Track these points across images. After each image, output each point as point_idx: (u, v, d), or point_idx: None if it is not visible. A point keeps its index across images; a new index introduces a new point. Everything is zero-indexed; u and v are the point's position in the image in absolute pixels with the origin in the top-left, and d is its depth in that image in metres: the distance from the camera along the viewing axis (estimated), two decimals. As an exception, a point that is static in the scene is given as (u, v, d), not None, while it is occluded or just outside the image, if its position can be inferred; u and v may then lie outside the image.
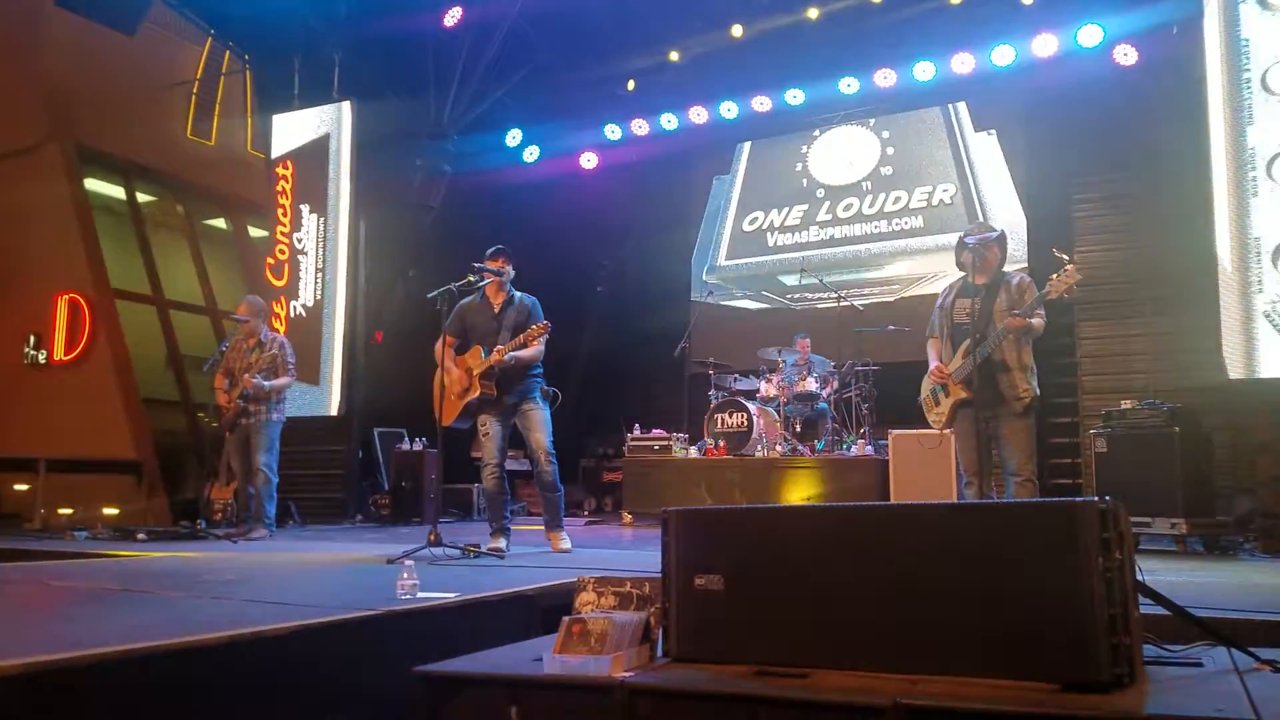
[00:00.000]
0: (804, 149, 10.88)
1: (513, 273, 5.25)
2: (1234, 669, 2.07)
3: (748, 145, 11.17)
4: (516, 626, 3.19)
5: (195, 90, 12.16)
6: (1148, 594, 2.17)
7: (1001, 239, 4.93)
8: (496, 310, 5.27)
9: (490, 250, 5.28)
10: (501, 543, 5.13)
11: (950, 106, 9.92)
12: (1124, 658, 1.85)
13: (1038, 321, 4.67)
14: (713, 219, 11.23)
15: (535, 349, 5.16)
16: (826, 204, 10.66)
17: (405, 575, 3.12)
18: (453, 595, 3.15)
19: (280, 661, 2.50)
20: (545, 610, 3.26)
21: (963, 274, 5.00)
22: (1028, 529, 1.96)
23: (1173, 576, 4.18)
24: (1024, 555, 1.94)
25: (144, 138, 11.44)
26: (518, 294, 5.33)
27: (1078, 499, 1.92)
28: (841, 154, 10.67)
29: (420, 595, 3.09)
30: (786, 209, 10.94)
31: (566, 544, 5.30)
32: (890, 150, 10.39)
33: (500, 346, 5.03)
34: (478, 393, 5.03)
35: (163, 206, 12.44)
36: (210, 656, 2.35)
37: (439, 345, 5.19)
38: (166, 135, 11.83)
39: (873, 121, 10.47)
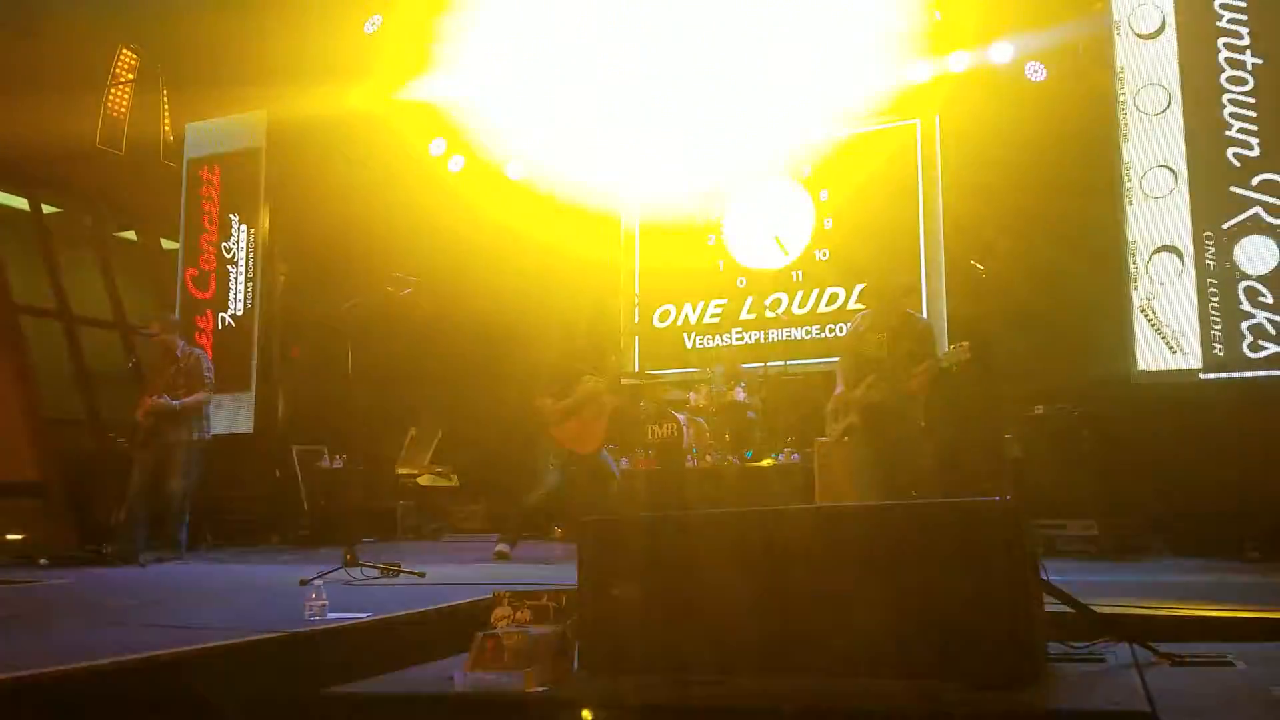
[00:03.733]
0: (716, 212, 10.35)
1: None
2: (1134, 663, 2.12)
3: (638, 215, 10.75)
4: (433, 645, 3.10)
5: (105, 97, 11.75)
6: (1052, 592, 2.20)
7: (902, 286, 5.59)
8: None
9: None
10: (507, 547, 5.90)
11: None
12: (1028, 655, 1.88)
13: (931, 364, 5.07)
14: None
15: None
16: (750, 299, 9.92)
17: (314, 595, 3.03)
18: (365, 615, 3.06)
19: (176, 687, 2.39)
20: (463, 626, 3.18)
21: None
22: (933, 531, 1.99)
23: (1084, 576, 4.28)
24: (931, 557, 1.96)
25: (49, 146, 11.00)
26: None
27: (980, 500, 1.94)
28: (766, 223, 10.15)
29: (331, 616, 3.00)
30: (702, 303, 10.24)
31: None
32: (828, 222, 9.85)
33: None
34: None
35: (69, 218, 11.97)
36: (98, 683, 2.24)
37: (547, 406, 6.11)
38: (74, 144, 11.38)
39: (807, 170, 10.04)
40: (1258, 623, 2.77)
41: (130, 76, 11.74)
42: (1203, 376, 5.91)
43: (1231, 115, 6.00)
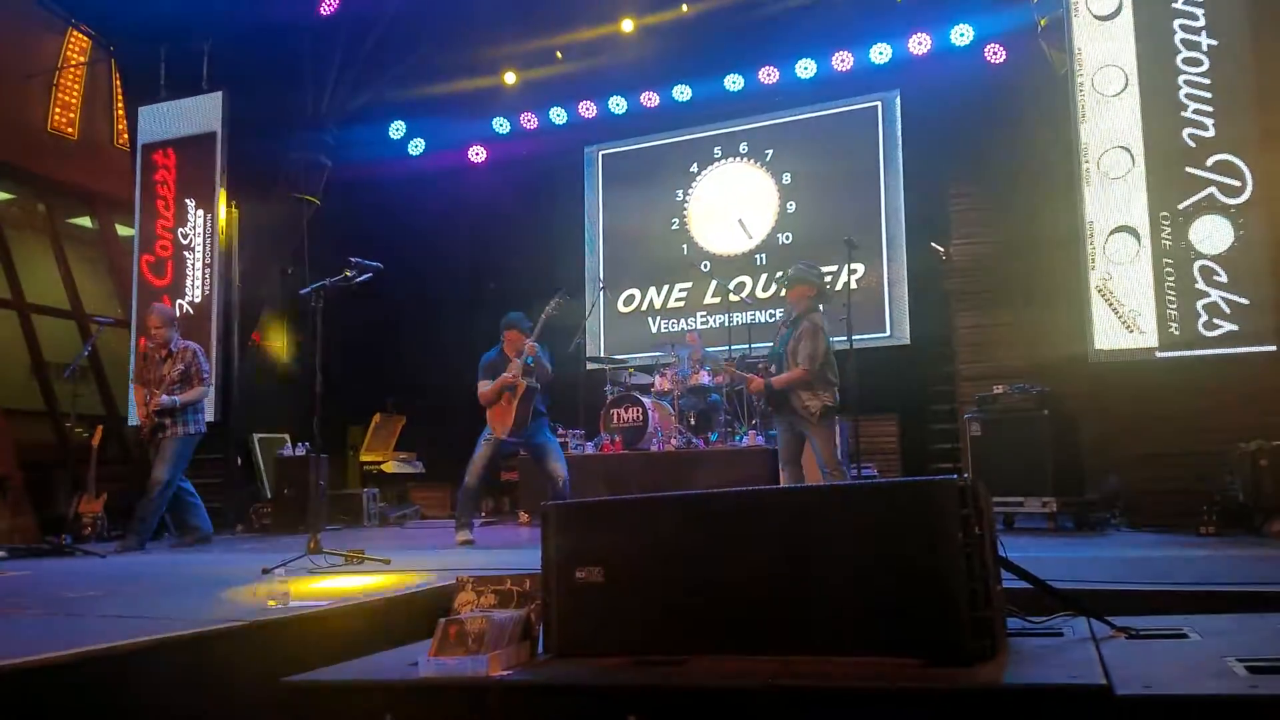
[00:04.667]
0: (680, 195, 10.47)
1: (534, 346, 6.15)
2: (1091, 637, 2.15)
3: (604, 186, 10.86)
4: (397, 632, 3.08)
5: (55, 81, 11.47)
6: (1009, 568, 2.23)
7: (795, 277, 5.80)
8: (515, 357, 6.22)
9: (511, 321, 6.24)
10: (467, 534, 5.99)
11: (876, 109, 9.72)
12: (985, 631, 1.90)
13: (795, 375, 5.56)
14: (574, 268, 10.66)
15: (547, 372, 6.26)
16: (714, 283, 10.02)
17: (276, 584, 3.00)
18: (327, 603, 3.03)
19: (136, 678, 2.36)
20: (427, 611, 3.17)
21: None
22: (890, 508, 2.00)
23: (1042, 552, 4.36)
24: (887, 534, 1.97)
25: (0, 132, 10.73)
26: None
27: (936, 477, 1.96)
28: (729, 208, 10.22)
29: (293, 604, 2.97)
30: (667, 287, 10.40)
31: None
32: (791, 205, 10.00)
33: (530, 342, 6.09)
34: (524, 385, 6.06)
35: (22, 205, 11.72)
36: (57, 676, 2.20)
37: (483, 390, 6.15)
38: (25, 129, 11.12)
39: (770, 155, 10.11)
40: (1212, 596, 2.83)
41: (81, 59, 11.48)
42: (1159, 355, 6.01)
43: (1187, 96, 6.08)
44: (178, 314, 8.73)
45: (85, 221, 12.15)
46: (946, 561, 1.89)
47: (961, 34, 8.64)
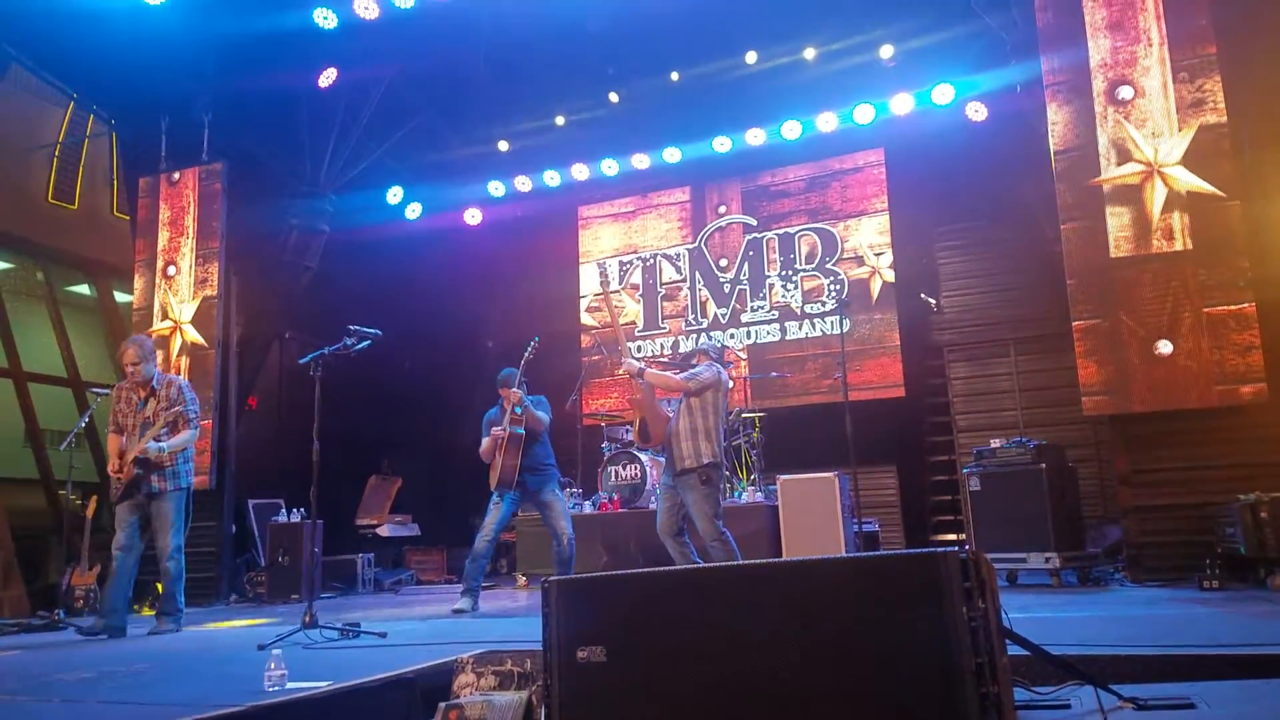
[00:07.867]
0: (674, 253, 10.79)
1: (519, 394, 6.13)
2: (1099, 708, 2.13)
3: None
4: (395, 713, 3.04)
5: (57, 153, 11.63)
6: (1014, 639, 2.22)
7: (698, 349, 5.64)
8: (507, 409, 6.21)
9: (503, 378, 6.25)
10: (466, 603, 5.80)
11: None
12: (992, 705, 1.88)
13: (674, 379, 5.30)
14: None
15: (536, 420, 6.15)
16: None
17: (273, 665, 2.95)
18: (325, 684, 2.99)
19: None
20: (425, 693, 3.12)
21: None
22: (893, 581, 2.00)
23: (1046, 612, 4.32)
24: (891, 607, 1.97)
25: (1, 202, 10.84)
26: (529, 398, 6.25)
27: (939, 549, 1.95)
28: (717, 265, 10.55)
29: (290, 686, 2.93)
30: (662, 344, 10.70)
31: None
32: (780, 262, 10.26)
33: (514, 390, 6.09)
34: (508, 433, 6.05)
35: (21, 273, 11.80)
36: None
37: (482, 448, 6.22)
38: (26, 199, 11.24)
39: (758, 212, 10.28)
40: (1218, 661, 2.80)
41: (83, 133, 11.65)
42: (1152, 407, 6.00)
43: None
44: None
45: (84, 289, 12.22)
46: (951, 636, 1.88)
47: (943, 93, 8.79)
